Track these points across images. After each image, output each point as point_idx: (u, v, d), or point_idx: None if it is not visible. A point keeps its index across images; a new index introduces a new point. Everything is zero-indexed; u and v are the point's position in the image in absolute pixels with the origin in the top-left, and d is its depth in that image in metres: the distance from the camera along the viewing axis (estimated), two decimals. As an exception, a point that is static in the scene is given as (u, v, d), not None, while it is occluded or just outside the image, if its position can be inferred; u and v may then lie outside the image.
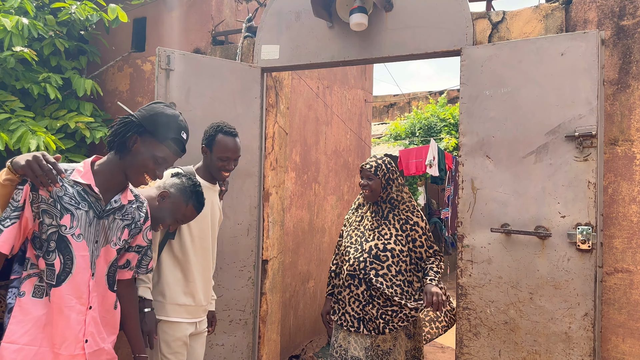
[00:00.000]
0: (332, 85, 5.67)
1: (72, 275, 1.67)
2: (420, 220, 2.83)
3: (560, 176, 2.53)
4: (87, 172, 1.72)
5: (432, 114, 10.66)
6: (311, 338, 5.31)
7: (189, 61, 3.10)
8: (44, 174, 1.60)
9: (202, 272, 2.52)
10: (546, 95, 2.57)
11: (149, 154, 1.72)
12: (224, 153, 2.47)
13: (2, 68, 3.29)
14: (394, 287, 2.73)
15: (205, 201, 2.49)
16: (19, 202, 1.61)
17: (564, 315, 2.50)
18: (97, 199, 1.73)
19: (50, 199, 1.63)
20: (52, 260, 1.65)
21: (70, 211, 1.66)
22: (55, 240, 1.64)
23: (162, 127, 1.73)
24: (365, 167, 2.86)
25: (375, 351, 2.75)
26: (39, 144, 2.91)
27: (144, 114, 1.74)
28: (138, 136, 1.72)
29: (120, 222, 1.81)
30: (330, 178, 5.67)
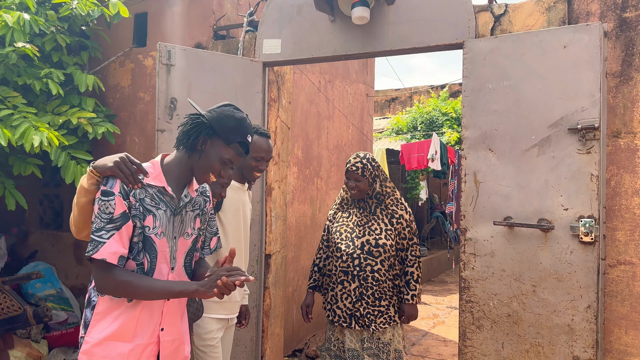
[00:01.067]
0: (334, 79, 5.67)
1: (155, 271, 1.74)
2: (405, 212, 2.86)
3: (563, 169, 2.53)
4: (158, 174, 1.77)
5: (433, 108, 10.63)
6: (314, 332, 5.33)
7: (190, 56, 3.09)
8: (132, 174, 1.67)
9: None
10: (549, 88, 2.56)
11: (216, 156, 1.76)
12: (258, 153, 2.53)
13: (4, 64, 3.29)
14: (387, 281, 2.77)
15: (236, 200, 2.57)
16: (113, 213, 1.65)
17: (566, 307, 2.51)
18: (172, 198, 1.79)
19: (137, 202, 1.69)
20: (141, 259, 1.71)
21: (152, 212, 1.72)
22: (142, 240, 1.71)
23: (231, 131, 1.75)
24: (352, 169, 2.82)
25: (376, 344, 2.76)
26: (42, 140, 2.91)
27: (214, 117, 1.76)
28: (208, 138, 1.76)
29: (192, 213, 1.87)
30: (332, 173, 5.67)
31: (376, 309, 2.76)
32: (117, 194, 1.66)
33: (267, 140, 2.58)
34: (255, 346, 3.33)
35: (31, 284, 3.72)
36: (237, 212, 2.58)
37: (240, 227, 2.61)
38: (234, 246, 2.56)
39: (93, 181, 1.70)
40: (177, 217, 1.81)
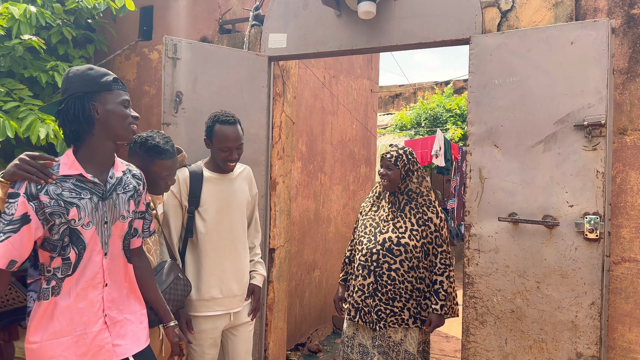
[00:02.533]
0: (339, 74, 5.66)
1: (83, 260, 1.70)
2: (435, 216, 2.81)
3: (568, 165, 2.53)
4: (72, 162, 1.71)
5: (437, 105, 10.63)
6: (317, 327, 5.34)
7: (195, 50, 3.09)
8: (38, 170, 1.61)
9: (230, 263, 2.54)
10: (555, 84, 2.56)
11: (114, 105, 1.72)
12: (224, 143, 2.44)
13: (10, 56, 3.30)
14: (406, 282, 2.74)
15: (218, 192, 2.52)
16: (13, 215, 1.58)
17: (570, 304, 2.51)
18: (95, 184, 1.73)
19: (52, 200, 1.63)
20: (68, 254, 1.67)
21: (74, 204, 1.66)
22: (68, 235, 1.66)
23: (99, 79, 1.71)
24: (386, 156, 2.84)
25: (387, 342, 2.77)
26: (48, 132, 2.92)
27: (78, 84, 1.70)
28: (94, 102, 1.70)
29: (124, 195, 1.81)
30: (336, 168, 5.68)
31: (388, 308, 2.74)
32: (22, 194, 1.60)
33: (233, 127, 2.44)
34: (259, 340, 3.35)
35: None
36: (221, 205, 2.52)
37: (227, 220, 2.55)
38: (221, 241, 2.52)
39: (5, 190, 1.64)
40: (107, 201, 1.75)
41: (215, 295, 2.49)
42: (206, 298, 2.48)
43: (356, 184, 6.32)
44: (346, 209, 6.00)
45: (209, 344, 2.51)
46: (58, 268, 1.67)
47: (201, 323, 2.48)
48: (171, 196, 2.46)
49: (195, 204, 2.47)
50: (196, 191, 2.48)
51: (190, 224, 2.48)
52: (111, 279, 1.78)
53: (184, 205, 2.47)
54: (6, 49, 3.24)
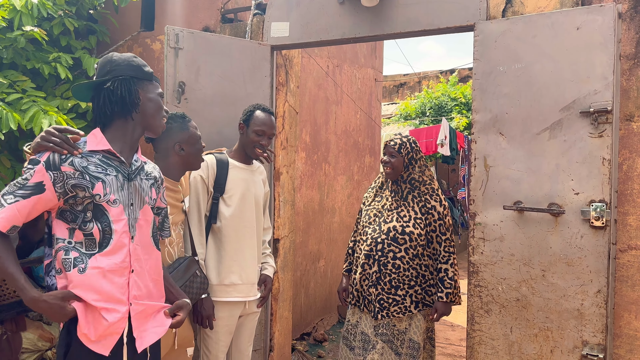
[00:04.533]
0: (342, 64, 5.63)
1: (112, 240, 1.67)
2: (439, 204, 2.81)
3: (574, 153, 2.51)
4: (100, 139, 1.71)
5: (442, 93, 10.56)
6: (322, 316, 5.36)
7: (197, 40, 3.08)
8: (63, 142, 1.61)
9: (250, 250, 2.59)
10: (561, 70, 2.53)
11: (154, 95, 1.79)
12: (260, 127, 2.56)
13: (12, 48, 3.29)
14: (410, 270, 2.75)
15: (242, 181, 2.58)
16: (28, 181, 1.57)
17: (576, 292, 2.50)
18: (121, 162, 1.73)
19: (77, 171, 1.62)
20: (90, 229, 1.64)
21: (100, 179, 1.65)
22: (91, 210, 1.64)
23: (143, 67, 1.78)
24: (390, 143, 2.85)
25: (391, 331, 2.77)
26: (51, 124, 2.92)
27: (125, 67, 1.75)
28: (138, 88, 1.76)
29: (147, 181, 1.83)
30: (340, 158, 5.66)
31: (391, 297, 2.75)
32: (42, 162, 1.59)
33: (270, 116, 2.60)
34: (264, 329, 3.36)
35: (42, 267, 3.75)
36: (244, 193, 2.57)
37: (249, 208, 2.59)
38: (243, 228, 2.57)
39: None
40: (132, 183, 1.76)
41: (235, 281, 2.53)
42: (226, 283, 2.51)
43: (361, 174, 6.30)
44: (351, 199, 6.00)
45: (224, 331, 2.53)
46: (81, 243, 1.64)
47: (219, 310, 2.50)
48: (200, 181, 2.51)
49: (220, 190, 2.54)
50: (222, 178, 2.54)
51: (214, 210, 2.53)
52: (139, 265, 1.75)
53: (210, 190, 2.53)
54: (8, 40, 3.23)
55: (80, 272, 1.62)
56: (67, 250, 1.64)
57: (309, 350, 4.60)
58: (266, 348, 3.39)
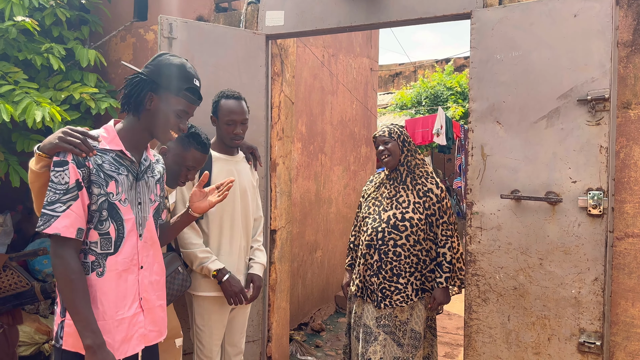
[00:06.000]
0: (338, 53, 5.59)
1: (124, 239, 1.68)
2: (435, 187, 2.81)
3: (571, 141, 2.50)
4: (113, 137, 1.70)
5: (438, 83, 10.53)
6: (319, 306, 5.37)
7: (191, 29, 3.04)
8: (82, 142, 1.59)
9: (237, 243, 2.56)
10: (558, 58, 2.51)
11: (169, 109, 1.70)
12: (229, 116, 2.48)
13: (4, 39, 3.24)
14: (411, 257, 2.74)
15: (226, 172, 2.53)
16: (68, 183, 1.56)
17: (573, 280, 2.50)
18: (132, 162, 1.73)
19: (94, 168, 1.61)
20: (107, 228, 1.64)
21: (113, 177, 1.65)
22: (106, 208, 1.64)
23: (174, 79, 1.69)
24: (378, 134, 2.84)
25: (393, 322, 2.77)
26: (44, 115, 2.88)
27: (152, 70, 1.70)
28: (153, 93, 1.69)
29: (152, 179, 1.83)
30: (337, 149, 5.64)
31: (393, 285, 2.74)
32: (71, 161, 1.58)
33: (237, 101, 2.49)
34: (262, 320, 3.35)
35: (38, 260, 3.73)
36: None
37: (235, 200, 2.55)
38: (229, 221, 2.54)
39: (43, 164, 1.62)
40: (140, 182, 1.76)
41: None
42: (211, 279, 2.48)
43: (357, 164, 6.29)
44: (347, 190, 5.99)
45: (217, 325, 2.52)
46: (95, 243, 1.63)
47: (210, 304, 2.49)
48: None
49: (206, 185, 2.47)
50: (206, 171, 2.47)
51: None
52: (146, 261, 1.77)
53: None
54: (0, 31, 3.19)
55: (98, 275, 1.64)
56: (85, 252, 1.64)
57: (306, 340, 4.61)
58: (264, 339, 3.39)
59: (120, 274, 1.67)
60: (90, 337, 1.54)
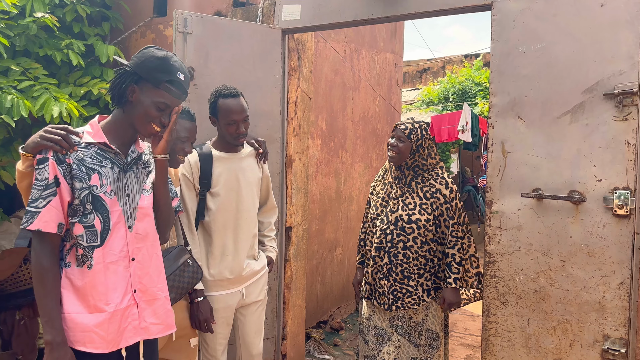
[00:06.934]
0: (360, 48, 5.51)
1: (110, 231, 1.67)
2: (444, 187, 2.71)
3: (597, 137, 2.37)
4: (97, 131, 1.71)
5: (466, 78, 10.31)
6: (339, 305, 5.31)
7: (206, 24, 3.01)
8: (62, 139, 1.60)
9: (241, 241, 2.51)
10: (583, 50, 2.39)
11: (149, 102, 1.68)
12: (230, 117, 2.39)
13: (25, 35, 3.29)
14: (419, 258, 2.67)
15: (227, 171, 2.47)
16: (47, 179, 1.58)
17: (597, 283, 2.38)
18: (117, 154, 1.72)
19: (74, 163, 1.62)
20: (92, 221, 1.64)
21: (96, 170, 1.66)
22: (90, 201, 1.64)
23: (155, 71, 1.66)
24: (400, 127, 2.75)
25: (408, 323, 2.70)
26: (62, 111, 2.91)
27: (136, 62, 1.68)
28: (135, 85, 1.68)
29: (144, 170, 1.82)
30: (358, 145, 5.57)
31: (404, 287, 2.68)
32: (51, 157, 1.59)
33: (235, 99, 2.40)
34: (276, 317, 3.32)
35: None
36: (232, 184, 2.47)
37: (239, 198, 2.49)
38: (232, 220, 2.48)
39: (28, 163, 1.64)
40: (128, 173, 1.75)
41: (227, 275, 2.47)
42: (218, 278, 2.45)
43: (379, 161, 6.20)
44: (369, 187, 5.91)
45: (221, 323, 2.48)
46: (81, 236, 1.63)
47: (213, 302, 2.46)
48: (184, 179, 2.42)
49: (207, 185, 2.43)
50: (207, 172, 2.43)
51: (201, 205, 2.45)
52: (139, 253, 1.75)
53: (197, 187, 2.43)
54: (20, 27, 3.23)
55: (89, 268, 1.64)
56: (74, 246, 1.65)
57: (325, 338, 4.56)
58: (279, 336, 3.35)
59: (108, 266, 1.67)
60: (51, 333, 1.55)
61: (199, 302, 2.34)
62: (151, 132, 1.73)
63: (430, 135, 2.82)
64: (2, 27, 3.10)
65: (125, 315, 1.70)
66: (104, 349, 1.64)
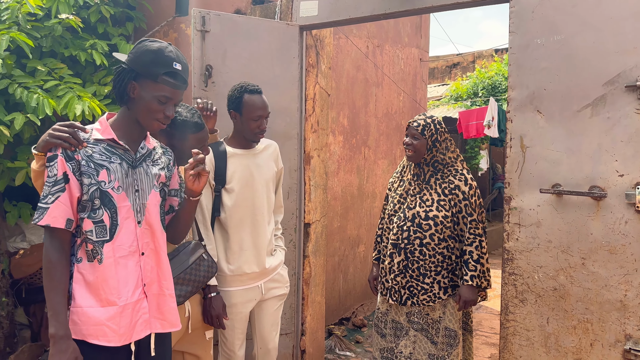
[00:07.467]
0: (383, 44, 5.47)
1: (119, 226, 1.70)
2: (463, 184, 2.67)
3: (618, 131, 2.30)
4: (105, 128, 1.74)
5: (496, 73, 10.09)
6: (362, 302, 5.30)
7: (224, 22, 3.04)
8: (71, 136, 1.64)
9: (258, 237, 2.53)
10: (604, 41, 2.31)
11: (150, 96, 1.69)
12: (255, 112, 2.43)
13: (51, 36, 3.38)
14: (436, 255, 2.64)
15: (243, 168, 2.49)
16: (57, 175, 1.62)
17: (619, 282, 2.30)
18: (125, 150, 1.75)
19: (83, 160, 1.66)
20: (100, 216, 1.67)
21: (104, 166, 1.68)
22: (98, 197, 1.67)
23: (151, 65, 1.67)
24: (413, 125, 2.73)
25: (424, 319, 2.68)
26: (84, 109, 2.99)
27: (132, 58, 1.70)
28: (135, 82, 1.69)
29: (154, 167, 1.83)
30: (381, 142, 5.53)
31: (419, 285, 2.66)
32: (60, 154, 1.62)
33: (261, 97, 2.46)
34: (295, 313, 3.34)
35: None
36: (247, 180, 2.49)
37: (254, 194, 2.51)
38: (248, 216, 2.50)
39: (41, 162, 1.68)
40: (137, 169, 1.76)
41: (246, 270, 2.49)
42: (237, 273, 2.48)
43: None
44: (393, 183, 5.86)
45: (239, 318, 2.51)
46: (91, 231, 1.66)
47: (232, 297, 2.48)
48: None
49: (222, 182, 2.46)
50: (222, 169, 2.46)
51: (217, 202, 2.48)
52: (149, 248, 1.78)
53: (212, 184, 2.46)
54: (47, 29, 3.33)
55: (99, 262, 1.68)
56: (85, 241, 1.69)
57: (347, 335, 4.56)
58: (297, 332, 3.37)
59: (118, 261, 1.69)
60: (55, 326, 1.58)
61: (212, 297, 2.36)
62: (158, 127, 1.75)
63: (446, 129, 2.78)
64: (29, 28, 3.20)
65: (137, 309, 1.73)
66: (116, 342, 1.67)
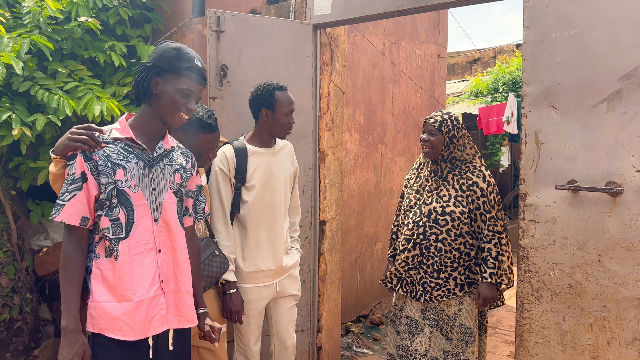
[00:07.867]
0: (400, 40, 5.44)
1: (135, 224, 1.75)
2: (481, 180, 2.66)
3: (635, 126, 2.26)
4: (124, 127, 1.80)
5: (517, 68, 9.94)
6: (380, 299, 5.30)
7: (239, 22, 3.08)
8: (89, 138, 1.70)
9: (275, 235, 2.56)
10: (620, 35, 2.27)
11: (173, 90, 1.77)
12: (288, 107, 2.52)
13: (71, 39, 3.46)
14: (452, 251, 2.64)
15: (263, 167, 2.53)
16: (75, 174, 1.69)
17: (636, 279, 2.27)
18: (143, 150, 1.80)
19: (100, 159, 1.71)
20: (117, 214, 1.73)
21: (121, 165, 1.74)
22: (115, 195, 1.73)
23: (175, 60, 1.76)
24: (429, 121, 2.73)
25: (440, 315, 2.69)
26: (103, 110, 3.05)
27: (155, 56, 1.79)
28: (158, 77, 1.77)
29: (170, 167, 1.88)
30: (399, 139, 5.51)
31: (433, 281, 2.66)
32: (79, 154, 1.69)
33: (288, 93, 2.57)
34: (310, 310, 3.36)
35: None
36: (267, 178, 2.53)
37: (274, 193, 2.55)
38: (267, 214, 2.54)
39: (60, 165, 1.74)
40: (154, 169, 1.81)
41: (262, 267, 2.53)
42: (253, 270, 2.51)
43: (422, 155, 6.11)
44: (411, 181, 5.84)
45: (254, 314, 2.55)
46: (107, 228, 1.72)
47: (247, 293, 2.52)
48: (220, 173, 2.48)
49: (242, 180, 2.50)
50: (242, 167, 2.50)
51: (236, 199, 2.51)
52: (165, 245, 1.83)
53: (232, 181, 2.49)
54: (67, 32, 3.41)
55: (116, 259, 1.73)
56: (102, 238, 1.74)
57: (364, 332, 4.57)
58: (313, 329, 3.39)
59: (133, 257, 1.75)
60: (66, 319, 1.65)
61: (231, 294, 2.41)
62: (180, 121, 1.81)
63: (463, 125, 2.77)
64: (50, 32, 3.28)
65: (153, 305, 1.77)
66: (131, 337, 1.72)
